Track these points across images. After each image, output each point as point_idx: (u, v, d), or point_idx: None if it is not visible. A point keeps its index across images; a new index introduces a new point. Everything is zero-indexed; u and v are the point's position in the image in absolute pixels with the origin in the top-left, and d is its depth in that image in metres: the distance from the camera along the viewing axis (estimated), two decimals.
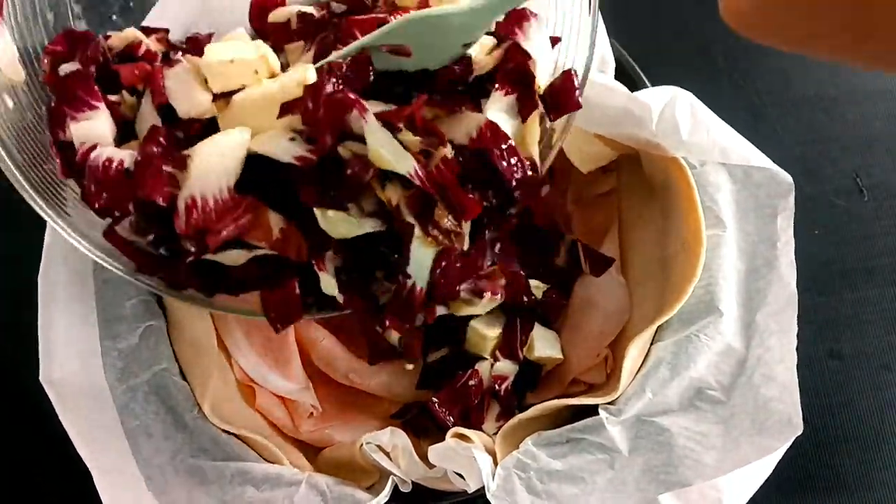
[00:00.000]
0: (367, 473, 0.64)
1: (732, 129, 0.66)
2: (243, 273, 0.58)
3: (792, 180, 0.64)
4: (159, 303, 0.68)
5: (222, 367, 0.67)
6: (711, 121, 0.64)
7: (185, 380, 0.66)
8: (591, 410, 0.61)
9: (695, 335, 0.61)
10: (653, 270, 0.67)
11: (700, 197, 0.63)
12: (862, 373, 0.76)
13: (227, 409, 0.65)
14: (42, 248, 0.65)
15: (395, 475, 0.61)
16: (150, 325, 0.66)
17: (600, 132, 0.66)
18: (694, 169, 0.65)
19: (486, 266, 0.62)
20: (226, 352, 0.69)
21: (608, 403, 0.61)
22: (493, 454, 0.61)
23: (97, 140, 0.56)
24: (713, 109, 0.65)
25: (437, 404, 0.66)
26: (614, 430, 0.59)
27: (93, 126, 0.56)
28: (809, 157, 0.84)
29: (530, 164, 0.56)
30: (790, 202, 0.64)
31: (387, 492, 0.60)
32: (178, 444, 0.63)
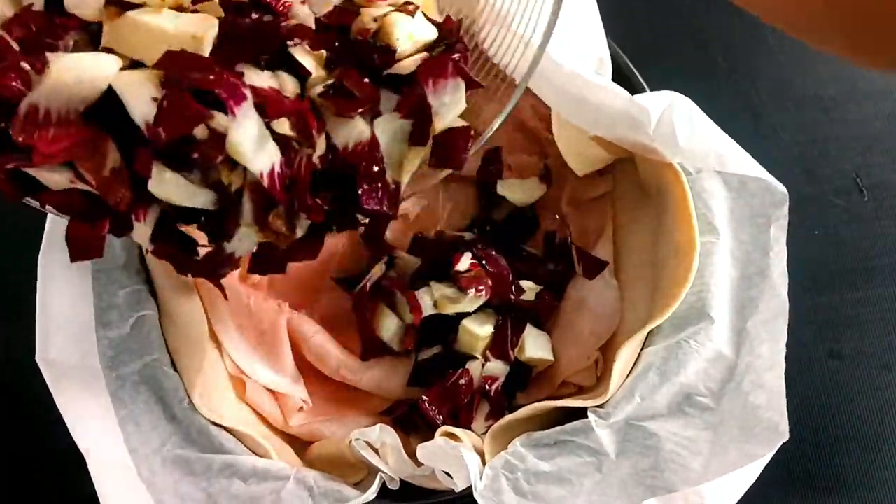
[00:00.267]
0: (355, 469, 0.64)
1: (732, 130, 0.65)
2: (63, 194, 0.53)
3: (786, 191, 0.64)
4: (152, 293, 0.68)
5: (213, 360, 0.67)
6: (709, 128, 0.64)
7: (176, 371, 0.66)
8: (581, 413, 0.61)
9: (685, 341, 0.61)
10: (645, 275, 0.67)
11: (694, 203, 0.63)
12: (862, 373, 0.75)
13: (217, 402, 0.65)
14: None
15: (384, 472, 0.61)
16: (143, 315, 0.66)
17: (598, 133, 0.66)
18: (689, 175, 0.65)
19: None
20: (217, 344, 0.69)
21: (597, 406, 0.61)
22: (481, 454, 0.61)
23: None
24: (712, 109, 0.65)
25: (427, 402, 0.66)
26: (603, 433, 0.59)
27: None
28: (809, 157, 0.83)
29: (395, 188, 0.55)
30: (784, 212, 0.64)
31: (374, 489, 0.60)
32: (167, 435, 0.63)
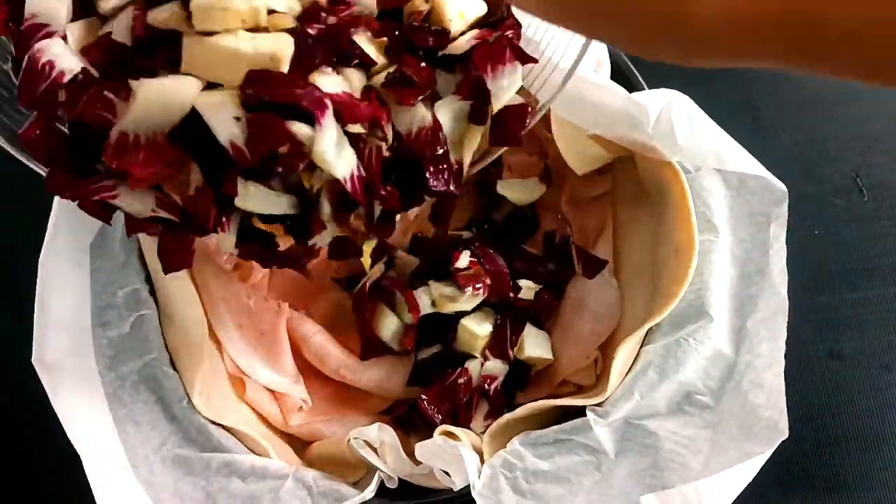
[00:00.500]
0: (354, 469, 0.64)
1: (731, 129, 0.65)
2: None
3: (786, 189, 0.64)
4: (152, 293, 0.68)
5: (213, 359, 0.67)
6: (708, 126, 0.64)
7: (176, 370, 0.66)
8: (580, 412, 0.61)
9: (684, 339, 0.61)
10: (645, 273, 0.67)
11: (694, 202, 0.63)
12: (862, 373, 0.75)
13: (217, 401, 0.66)
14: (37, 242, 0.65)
15: (382, 471, 0.61)
16: (142, 315, 0.67)
17: (597, 132, 0.66)
18: (688, 174, 0.65)
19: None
20: (217, 343, 0.69)
21: (596, 405, 0.61)
22: (480, 453, 0.61)
23: (51, 21, 0.51)
24: (712, 109, 0.65)
25: (426, 401, 0.66)
26: (601, 431, 0.59)
27: (52, 6, 0.52)
28: (809, 157, 0.83)
29: (457, 167, 0.56)
30: (783, 210, 0.64)
31: (373, 487, 0.60)
32: (166, 434, 0.63)
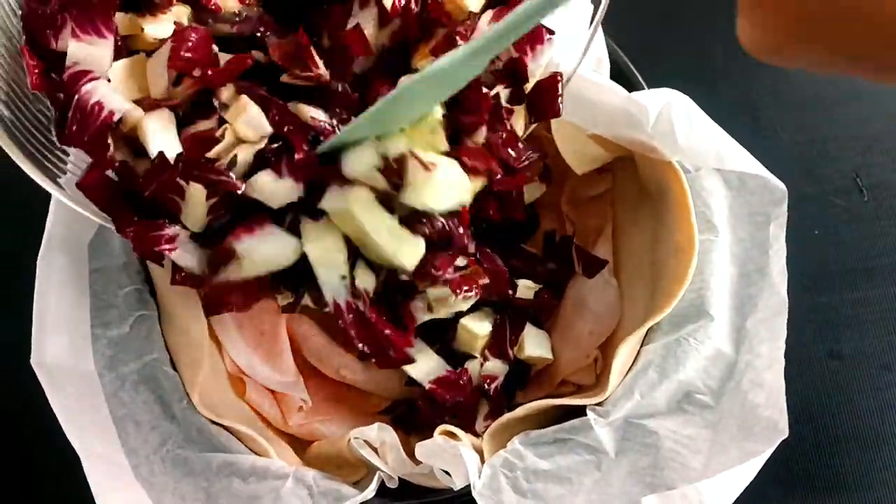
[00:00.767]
0: (354, 468, 0.64)
1: (731, 129, 0.65)
2: None
3: (786, 188, 0.64)
4: (152, 293, 0.68)
5: (213, 359, 0.67)
6: (707, 126, 0.64)
7: (176, 370, 0.66)
8: (580, 411, 0.61)
9: (685, 339, 0.61)
10: (645, 273, 0.67)
11: (694, 201, 0.63)
12: (862, 373, 0.75)
13: (217, 401, 0.66)
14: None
15: (382, 471, 0.61)
16: (143, 315, 0.67)
17: (597, 132, 0.66)
18: (688, 173, 0.65)
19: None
20: (217, 343, 0.69)
21: (596, 405, 0.61)
22: (480, 453, 0.61)
23: (92, 68, 0.52)
24: (712, 109, 0.65)
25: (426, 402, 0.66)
26: (602, 431, 0.59)
27: (94, 53, 0.52)
28: (809, 157, 0.83)
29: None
30: (783, 210, 0.64)
31: (373, 487, 0.60)
32: (166, 435, 0.63)
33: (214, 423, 0.63)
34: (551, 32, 0.60)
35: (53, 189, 0.55)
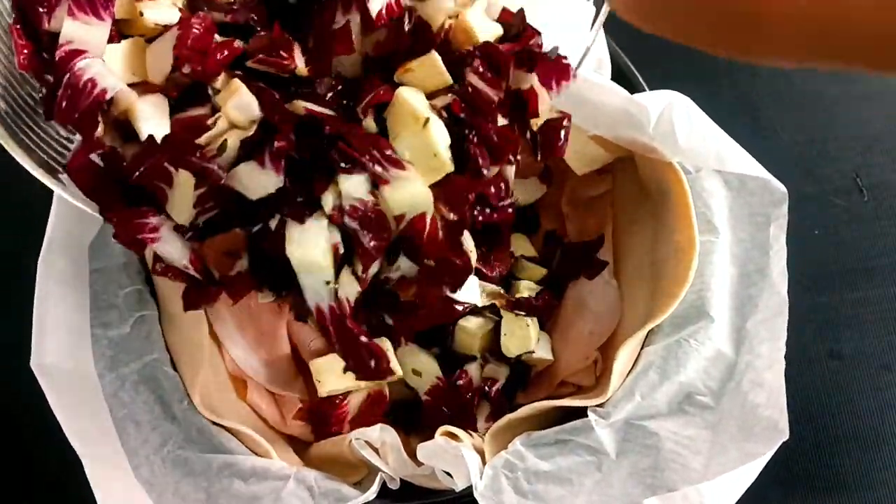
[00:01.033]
0: (355, 469, 0.64)
1: (731, 130, 0.65)
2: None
3: (786, 190, 0.64)
4: (152, 293, 0.68)
5: (213, 360, 0.67)
6: (708, 127, 0.64)
7: (176, 371, 0.66)
8: (581, 412, 0.61)
9: (685, 340, 0.61)
10: (645, 274, 0.67)
11: (694, 202, 0.63)
12: (862, 373, 0.76)
13: (217, 401, 0.65)
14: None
15: (384, 472, 0.61)
16: (143, 315, 0.66)
17: (598, 132, 0.66)
18: (689, 174, 0.65)
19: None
20: (218, 343, 0.68)
21: (597, 406, 0.61)
22: (481, 453, 0.61)
23: (87, 48, 0.51)
24: (713, 109, 0.65)
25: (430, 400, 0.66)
26: (602, 432, 0.59)
27: (89, 33, 0.51)
28: (809, 157, 0.84)
29: None
30: (783, 211, 0.64)
31: (374, 488, 0.60)
32: (167, 435, 0.63)
33: (215, 423, 0.63)
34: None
35: (51, 182, 0.54)
